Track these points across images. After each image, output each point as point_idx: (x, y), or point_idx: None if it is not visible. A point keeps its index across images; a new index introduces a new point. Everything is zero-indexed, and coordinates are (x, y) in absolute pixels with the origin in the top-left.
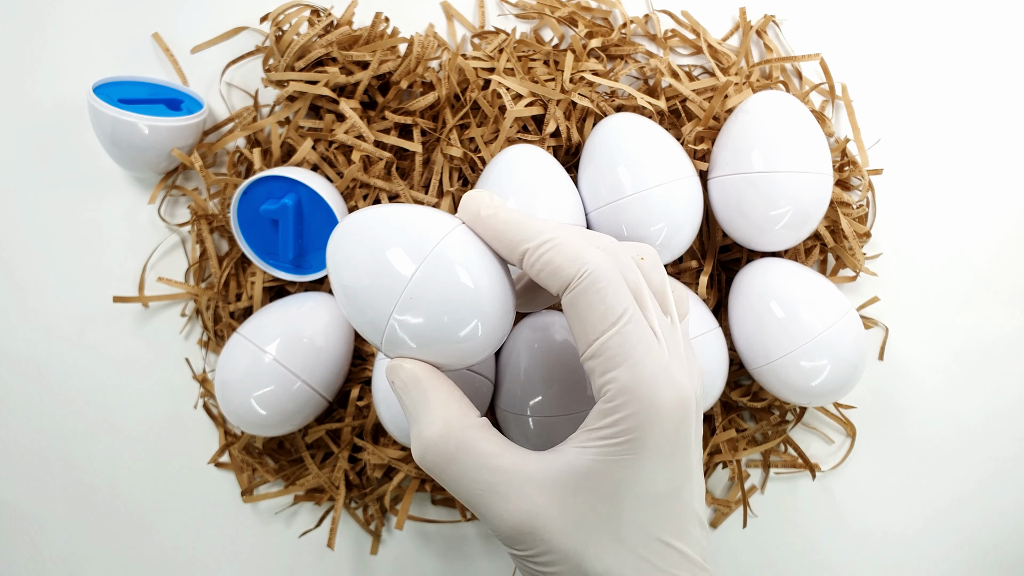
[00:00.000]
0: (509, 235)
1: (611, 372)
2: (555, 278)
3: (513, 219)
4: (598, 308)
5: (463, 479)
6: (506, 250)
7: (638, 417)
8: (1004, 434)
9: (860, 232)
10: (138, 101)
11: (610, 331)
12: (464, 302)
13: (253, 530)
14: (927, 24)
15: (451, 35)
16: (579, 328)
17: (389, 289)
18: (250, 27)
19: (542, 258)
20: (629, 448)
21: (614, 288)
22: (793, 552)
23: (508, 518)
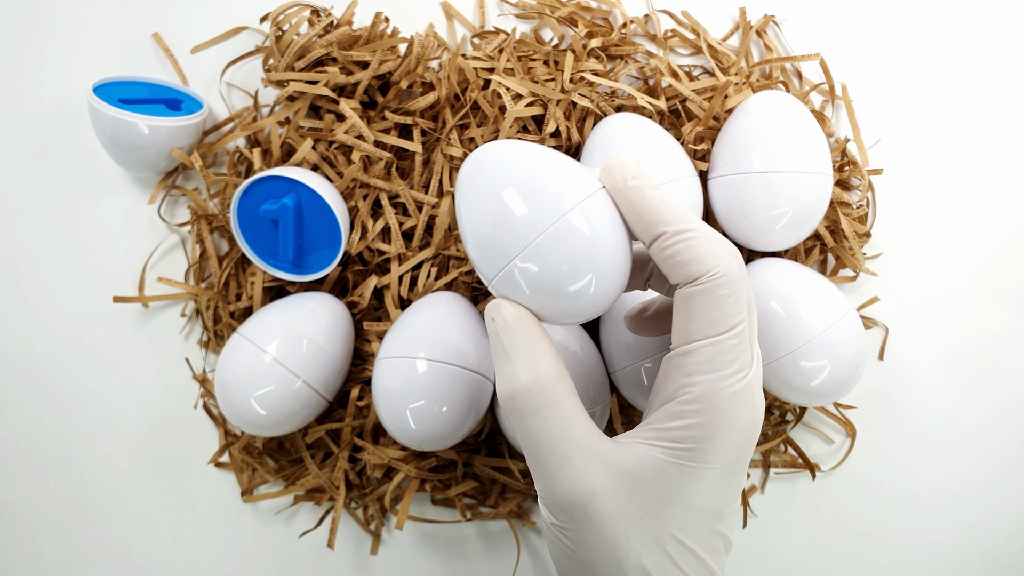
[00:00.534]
0: (650, 213)
1: (698, 376)
2: (683, 268)
3: (658, 198)
4: (713, 312)
5: (539, 433)
6: (641, 226)
7: (710, 427)
8: (1004, 434)
9: (860, 232)
10: (138, 101)
11: (716, 338)
12: (585, 263)
13: (253, 530)
14: (927, 24)
15: (451, 35)
16: (684, 323)
17: (518, 234)
18: (250, 27)
19: (676, 245)
20: (693, 456)
21: (735, 299)
22: (793, 552)
23: (567, 486)
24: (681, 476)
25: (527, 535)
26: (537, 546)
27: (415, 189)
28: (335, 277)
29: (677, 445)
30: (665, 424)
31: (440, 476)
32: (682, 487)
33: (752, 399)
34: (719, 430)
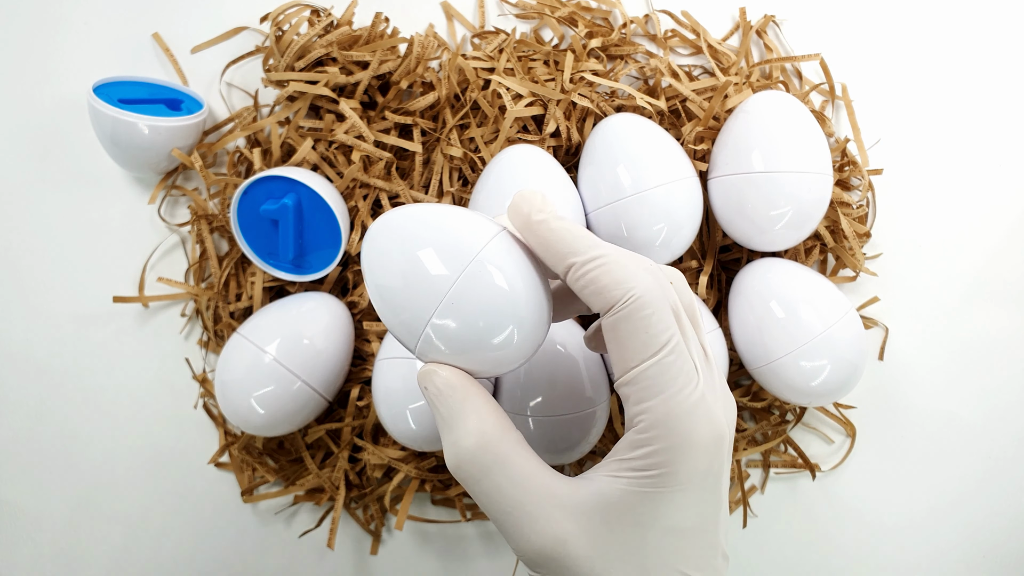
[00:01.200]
0: (557, 246)
1: (646, 402)
2: (599, 297)
3: (564, 229)
4: (640, 335)
5: (494, 494)
6: (552, 260)
7: (671, 451)
8: (1003, 434)
9: (860, 232)
10: (138, 101)
11: (650, 360)
12: (503, 309)
13: (253, 530)
14: (927, 24)
15: (451, 35)
16: (617, 352)
17: (428, 293)
18: (250, 27)
19: (588, 275)
20: (660, 482)
21: (659, 316)
22: (793, 552)
23: (535, 541)
24: (651, 502)
25: None
26: None
27: (415, 189)
28: (335, 277)
29: (641, 474)
30: (627, 455)
31: (440, 476)
32: (655, 512)
33: (709, 410)
34: (681, 451)
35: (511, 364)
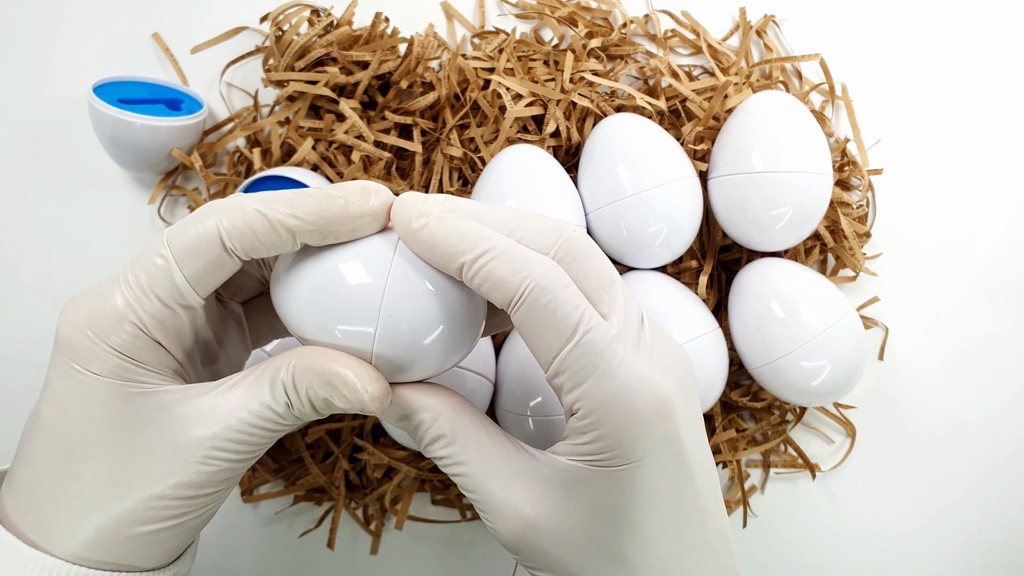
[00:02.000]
0: (443, 248)
1: (579, 388)
2: (497, 293)
3: (448, 229)
4: (550, 323)
5: (464, 481)
6: (443, 265)
7: (616, 432)
8: (1004, 434)
9: (860, 232)
10: (138, 101)
11: (568, 346)
12: (431, 313)
13: (253, 530)
14: (927, 24)
15: (451, 35)
16: (535, 346)
17: (360, 306)
18: (250, 27)
19: (480, 272)
20: (616, 462)
21: (564, 298)
22: (793, 552)
23: (506, 528)
24: (613, 482)
25: None
26: None
27: (415, 189)
28: None
29: (595, 458)
30: (576, 441)
31: (440, 476)
32: (621, 492)
33: (644, 379)
34: (626, 429)
35: (447, 364)
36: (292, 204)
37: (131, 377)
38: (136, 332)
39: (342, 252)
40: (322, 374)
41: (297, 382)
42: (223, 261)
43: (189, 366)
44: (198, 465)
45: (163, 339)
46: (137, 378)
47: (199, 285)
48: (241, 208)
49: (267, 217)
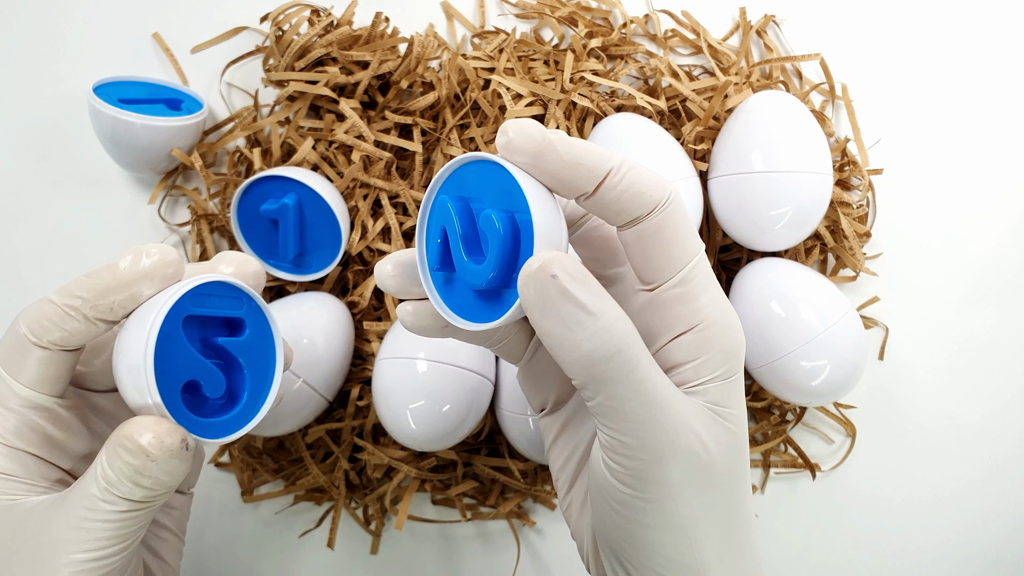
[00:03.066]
0: (591, 156)
1: (703, 296)
2: (641, 199)
3: (583, 141)
4: (686, 231)
5: (646, 384)
6: (585, 174)
7: (733, 341)
8: (1004, 433)
9: (860, 232)
10: (138, 101)
11: (699, 254)
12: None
13: (253, 530)
14: (927, 24)
15: (451, 35)
16: (665, 252)
17: None
18: (250, 27)
19: (626, 177)
20: (731, 374)
21: (688, 213)
22: (793, 552)
23: (675, 437)
24: (731, 393)
25: (527, 535)
26: (537, 546)
27: (415, 189)
28: (335, 277)
29: (720, 371)
30: (700, 360)
31: (440, 476)
32: (738, 400)
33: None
34: (737, 341)
35: None
36: (78, 285)
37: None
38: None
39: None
40: (112, 441)
41: (108, 461)
42: (48, 357)
43: (86, 467)
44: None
45: (31, 448)
46: (7, 491)
47: (41, 385)
48: (40, 303)
49: (55, 303)
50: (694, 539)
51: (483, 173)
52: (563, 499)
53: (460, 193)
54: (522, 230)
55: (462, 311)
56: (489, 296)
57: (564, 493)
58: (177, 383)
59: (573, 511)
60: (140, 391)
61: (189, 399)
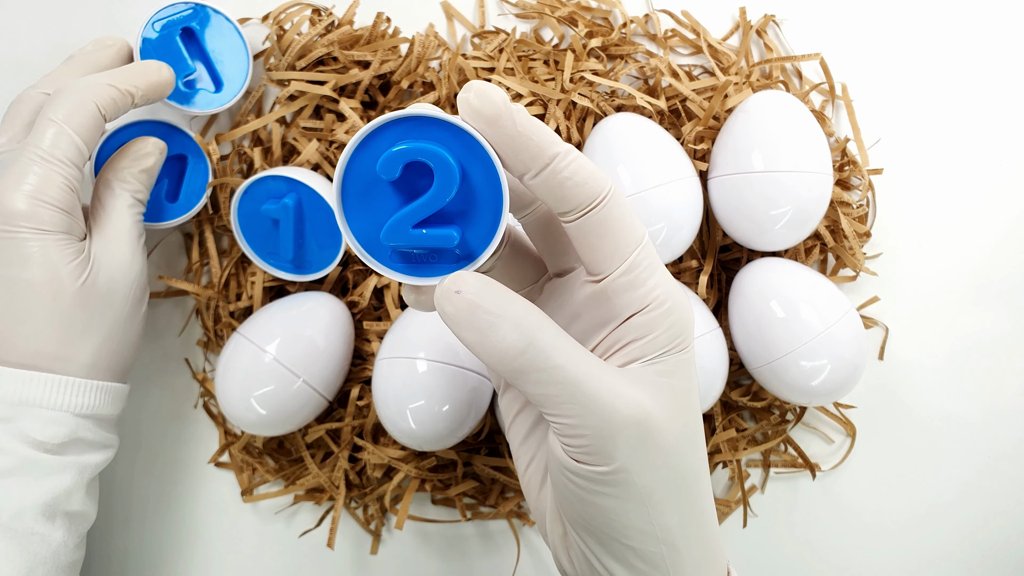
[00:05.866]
0: (541, 136)
1: (651, 280)
2: (582, 188)
3: (538, 121)
4: (627, 221)
5: (570, 366)
6: (531, 153)
7: (682, 317)
8: (1004, 433)
9: (860, 232)
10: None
11: (640, 242)
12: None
13: (253, 530)
14: (927, 24)
15: (451, 35)
16: (610, 244)
17: None
18: (251, 24)
19: (571, 165)
20: (680, 347)
21: (627, 202)
22: (793, 552)
23: (621, 407)
24: (683, 366)
25: (527, 535)
26: (537, 546)
27: None
28: (335, 277)
29: (667, 348)
30: (645, 340)
31: (440, 476)
32: (690, 374)
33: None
34: (685, 316)
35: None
36: (132, 75)
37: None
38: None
39: None
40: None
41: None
42: (97, 121)
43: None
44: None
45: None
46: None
47: (87, 143)
48: (100, 86)
49: (118, 89)
50: (651, 505)
51: (421, 131)
52: (523, 475)
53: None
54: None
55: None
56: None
57: (524, 469)
58: None
59: (533, 488)
60: None
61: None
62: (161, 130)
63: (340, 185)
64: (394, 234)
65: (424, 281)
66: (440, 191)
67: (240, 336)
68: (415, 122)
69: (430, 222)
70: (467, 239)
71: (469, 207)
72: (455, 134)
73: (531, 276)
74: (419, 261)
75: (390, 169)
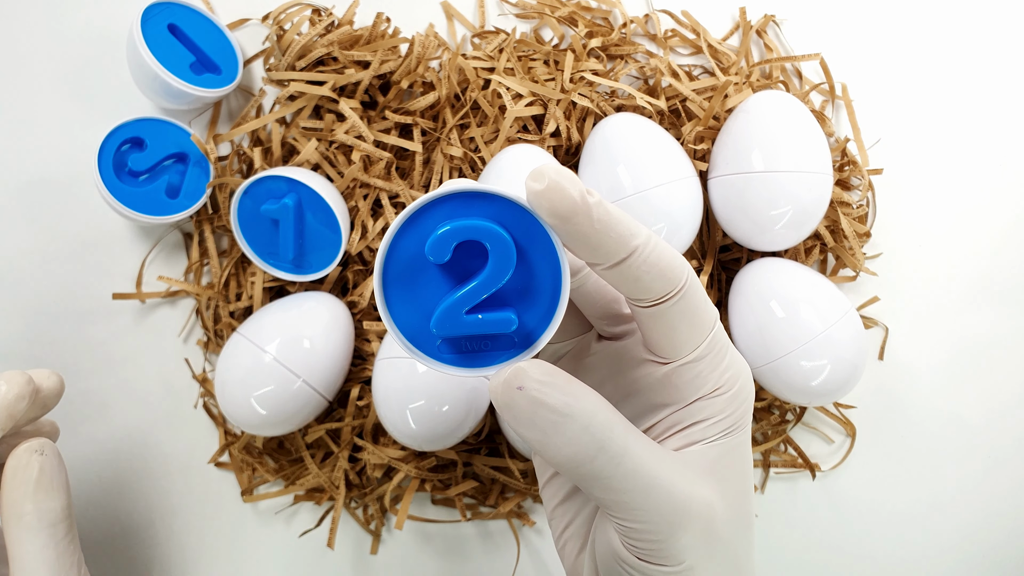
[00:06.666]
0: (620, 227)
1: (722, 363)
2: (663, 279)
3: (617, 209)
4: (702, 307)
5: (631, 473)
6: (611, 246)
7: (748, 401)
8: (1004, 434)
9: (860, 232)
10: (183, 42)
11: (715, 326)
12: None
13: (253, 530)
14: (927, 24)
15: (451, 35)
16: (687, 328)
17: None
18: (251, 24)
19: (651, 256)
20: (739, 430)
21: (702, 287)
22: (793, 552)
23: (686, 496)
24: (738, 449)
25: (527, 535)
26: (537, 546)
27: (415, 189)
28: (335, 277)
29: (729, 430)
30: (710, 422)
31: (440, 476)
32: (745, 458)
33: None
34: (749, 403)
35: None
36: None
37: None
38: None
39: None
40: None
41: None
42: None
43: None
44: None
45: None
46: None
47: None
48: None
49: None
50: None
51: (468, 207)
52: (558, 539)
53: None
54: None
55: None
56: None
57: (559, 532)
58: None
59: (570, 553)
60: None
61: None
62: (161, 129)
63: (381, 271)
64: (446, 322)
65: (480, 373)
66: (496, 271)
67: (240, 336)
68: (460, 198)
69: (485, 306)
70: (524, 322)
71: (526, 286)
72: (508, 208)
73: (575, 329)
74: (471, 350)
75: (440, 251)
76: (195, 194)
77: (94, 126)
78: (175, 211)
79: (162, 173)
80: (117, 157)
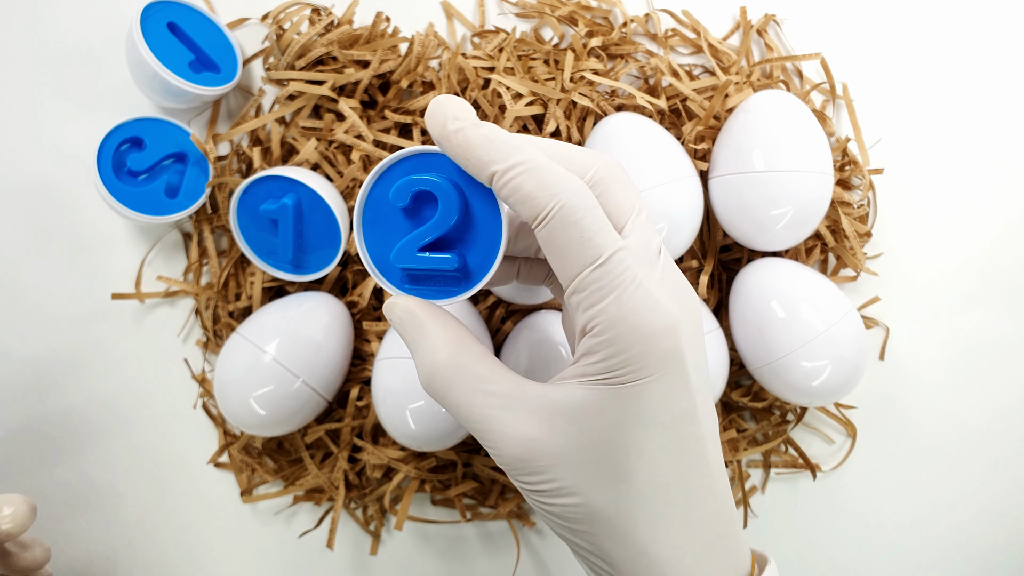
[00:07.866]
0: (477, 153)
1: (596, 306)
2: (525, 206)
3: (482, 136)
4: (575, 242)
5: (463, 404)
6: (474, 170)
7: (629, 348)
8: (1005, 434)
9: (861, 232)
10: (183, 40)
11: (591, 265)
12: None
13: (253, 530)
14: (927, 24)
15: (451, 34)
16: (558, 262)
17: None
18: (250, 23)
19: (511, 183)
20: (623, 378)
21: (591, 219)
22: (793, 552)
23: (508, 443)
24: (618, 400)
25: (527, 535)
26: (537, 546)
27: None
28: (335, 277)
29: (603, 376)
30: (587, 361)
31: (440, 476)
32: (625, 410)
33: (658, 303)
34: (637, 343)
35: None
36: None
37: None
38: None
39: None
40: None
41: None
42: None
43: None
44: None
45: None
46: None
47: None
48: None
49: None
50: None
51: (434, 164)
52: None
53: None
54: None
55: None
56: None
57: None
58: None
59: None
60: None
61: None
62: (161, 129)
63: (360, 211)
64: (402, 256)
65: (430, 301)
66: (443, 218)
67: (239, 336)
68: (430, 157)
69: (435, 247)
70: (468, 264)
71: (472, 234)
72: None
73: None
74: (426, 283)
75: (401, 197)
76: (194, 194)
77: (93, 125)
78: (174, 211)
79: (161, 173)
80: (116, 157)
